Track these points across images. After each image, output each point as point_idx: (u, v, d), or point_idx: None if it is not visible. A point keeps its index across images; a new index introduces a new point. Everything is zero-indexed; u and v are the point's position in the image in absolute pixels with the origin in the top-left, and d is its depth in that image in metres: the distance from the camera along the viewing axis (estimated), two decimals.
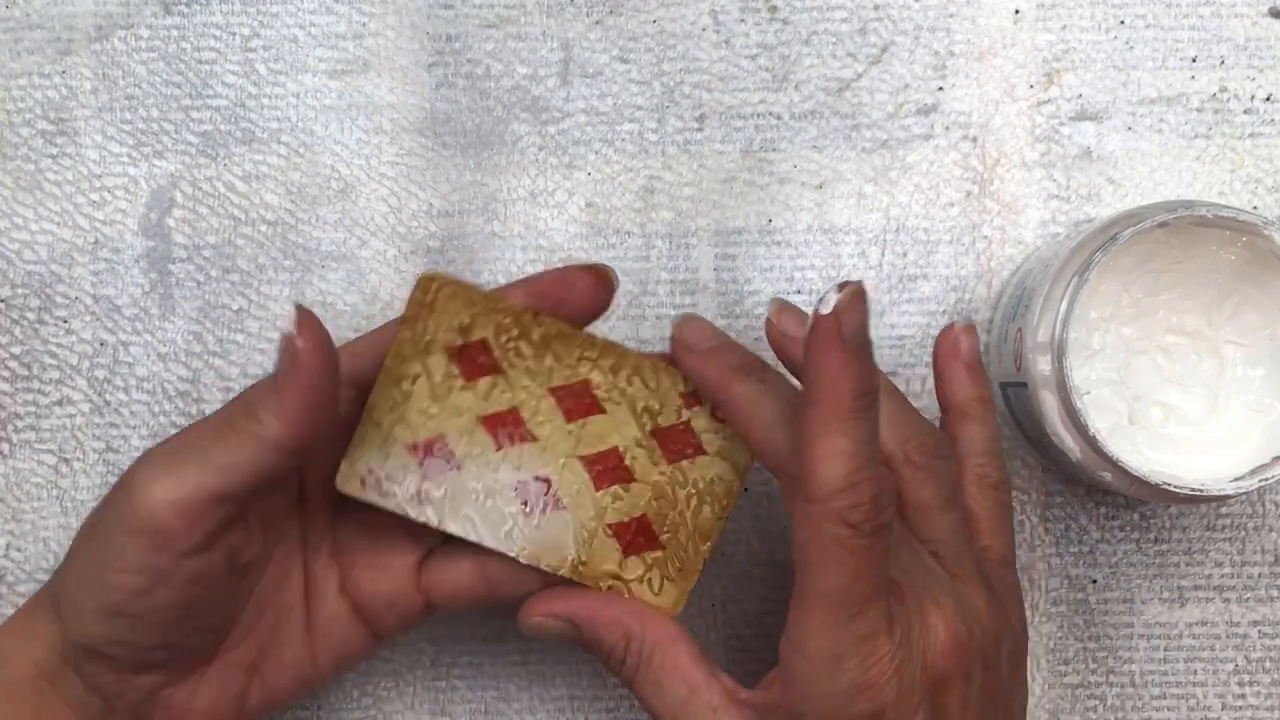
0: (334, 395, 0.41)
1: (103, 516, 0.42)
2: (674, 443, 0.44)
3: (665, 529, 0.44)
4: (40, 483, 0.50)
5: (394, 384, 0.43)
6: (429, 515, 0.44)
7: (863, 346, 0.38)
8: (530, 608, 0.44)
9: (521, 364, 0.43)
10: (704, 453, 0.44)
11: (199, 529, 0.40)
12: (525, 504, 0.44)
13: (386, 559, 0.45)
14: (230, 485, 0.40)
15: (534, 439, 0.44)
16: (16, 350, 0.50)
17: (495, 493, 0.44)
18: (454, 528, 0.44)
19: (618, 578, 0.44)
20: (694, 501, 0.44)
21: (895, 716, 0.39)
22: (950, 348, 0.45)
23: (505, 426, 0.44)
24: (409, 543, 0.45)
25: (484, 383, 0.44)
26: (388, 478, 0.43)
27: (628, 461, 0.44)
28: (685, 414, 0.44)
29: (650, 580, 0.44)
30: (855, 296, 0.38)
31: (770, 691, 0.41)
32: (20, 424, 0.50)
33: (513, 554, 0.44)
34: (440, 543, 0.45)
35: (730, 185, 0.50)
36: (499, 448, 0.44)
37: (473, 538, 0.44)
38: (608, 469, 0.44)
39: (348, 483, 0.43)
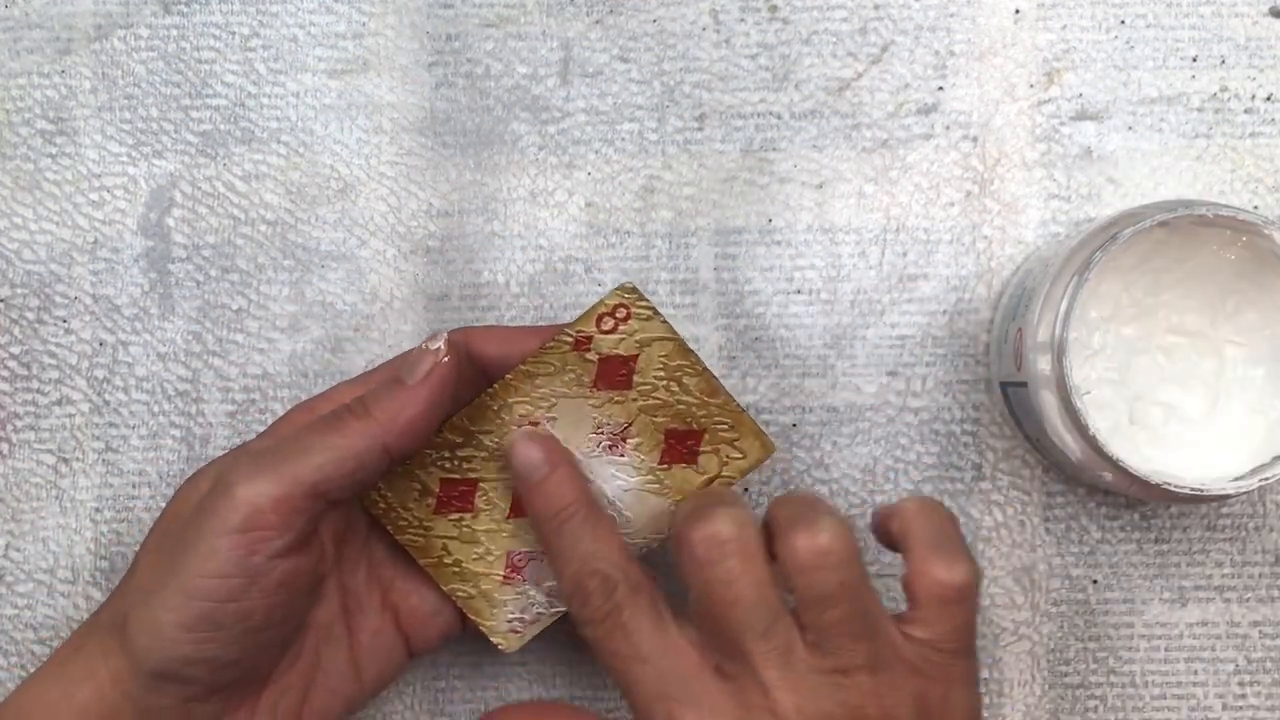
0: (445, 414, 0.43)
1: (185, 525, 0.42)
2: (611, 374, 0.45)
3: (687, 420, 0.45)
4: (40, 482, 0.50)
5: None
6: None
7: None
8: None
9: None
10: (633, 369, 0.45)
11: (293, 527, 0.41)
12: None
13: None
14: (327, 481, 0.41)
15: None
16: (16, 350, 0.50)
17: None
18: None
19: (713, 479, 0.45)
20: (671, 385, 0.45)
21: None
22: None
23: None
24: None
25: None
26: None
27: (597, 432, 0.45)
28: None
29: (728, 456, 0.45)
30: None
31: None
32: (20, 424, 0.50)
33: (643, 542, 0.46)
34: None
35: (730, 185, 0.50)
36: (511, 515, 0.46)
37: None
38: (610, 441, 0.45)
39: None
